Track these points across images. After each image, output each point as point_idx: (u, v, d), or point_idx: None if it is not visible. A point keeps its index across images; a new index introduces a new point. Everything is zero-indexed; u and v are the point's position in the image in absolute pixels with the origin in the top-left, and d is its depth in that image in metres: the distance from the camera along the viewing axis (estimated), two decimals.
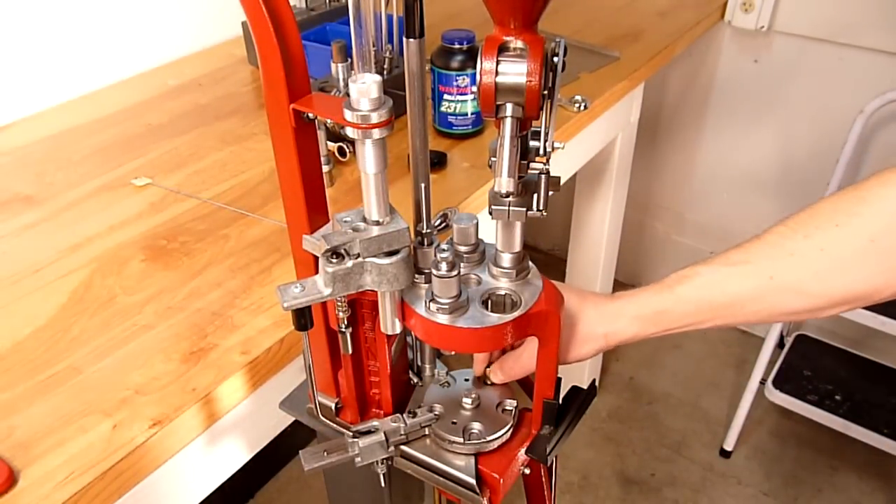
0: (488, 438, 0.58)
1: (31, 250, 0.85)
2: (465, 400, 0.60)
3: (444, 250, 0.49)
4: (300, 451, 0.59)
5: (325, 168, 0.93)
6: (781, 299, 0.61)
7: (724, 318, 0.63)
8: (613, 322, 0.63)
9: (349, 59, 0.93)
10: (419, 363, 0.64)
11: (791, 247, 0.60)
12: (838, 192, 0.60)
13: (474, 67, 0.46)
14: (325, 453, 0.58)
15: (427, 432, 0.60)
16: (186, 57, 1.35)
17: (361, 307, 0.56)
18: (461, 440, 0.58)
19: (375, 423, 0.59)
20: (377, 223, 0.50)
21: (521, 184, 0.50)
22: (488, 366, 0.64)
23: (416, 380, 0.64)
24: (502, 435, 0.59)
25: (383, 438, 0.58)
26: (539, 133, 0.49)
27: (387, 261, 0.49)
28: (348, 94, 0.46)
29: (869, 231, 0.57)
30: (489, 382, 0.63)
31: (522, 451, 0.59)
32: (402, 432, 0.59)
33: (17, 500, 0.57)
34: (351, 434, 0.58)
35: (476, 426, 0.59)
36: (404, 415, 0.59)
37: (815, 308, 0.61)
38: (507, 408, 0.61)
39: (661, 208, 2.14)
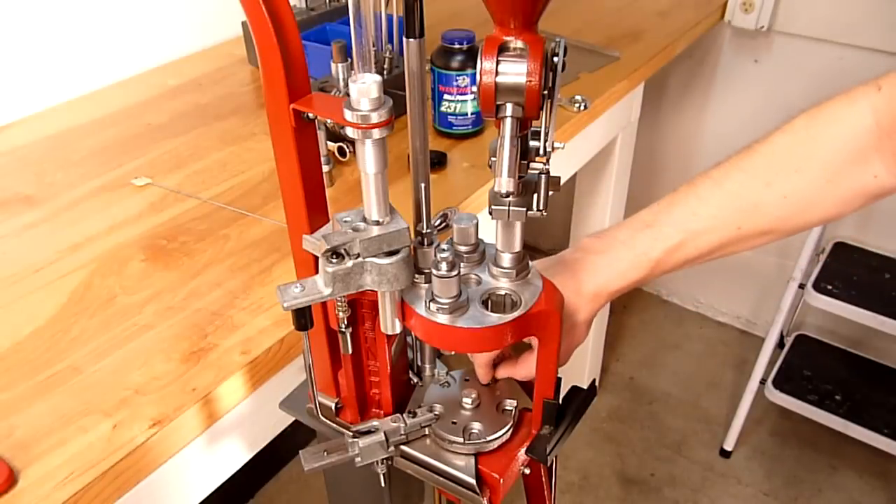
0: (488, 438, 0.58)
1: (31, 250, 0.85)
2: (465, 400, 0.60)
3: (444, 250, 0.49)
4: (300, 451, 0.59)
5: (325, 168, 0.93)
6: (749, 243, 0.65)
7: (696, 264, 0.67)
8: (599, 300, 0.65)
9: (349, 59, 0.93)
10: (419, 363, 0.64)
11: (755, 198, 0.63)
12: (791, 127, 0.64)
13: (474, 67, 0.46)
14: (325, 453, 0.58)
15: (427, 432, 0.60)
16: (186, 57, 1.35)
17: (361, 307, 0.56)
18: (461, 440, 0.58)
19: (375, 423, 0.59)
20: (377, 223, 0.50)
21: (521, 184, 0.50)
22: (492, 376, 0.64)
23: (416, 380, 0.64)
24: (502, 435, 0.59)
25: (383, 438, 0.58)
26: (539, 133, 0.49)
27: (387, 261, 0.49)
28: (348, 94, 0.46)
29: (826, 172, 0.61)
30: (486, 383, 0.63)
31: (522, 451, 0.59)
32: (402, 432, 0.59)
33: (17, 500, 0.57)
34: (351, 434, 0.58)
35: (476, 426, 0.59)
36: (404, 415, 0.59)
37: (776, 240, 0.66)
38: (507, 408, 0.61)
39: None
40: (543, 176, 0.50)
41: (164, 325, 0.74)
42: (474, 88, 0.94)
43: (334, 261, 0.49)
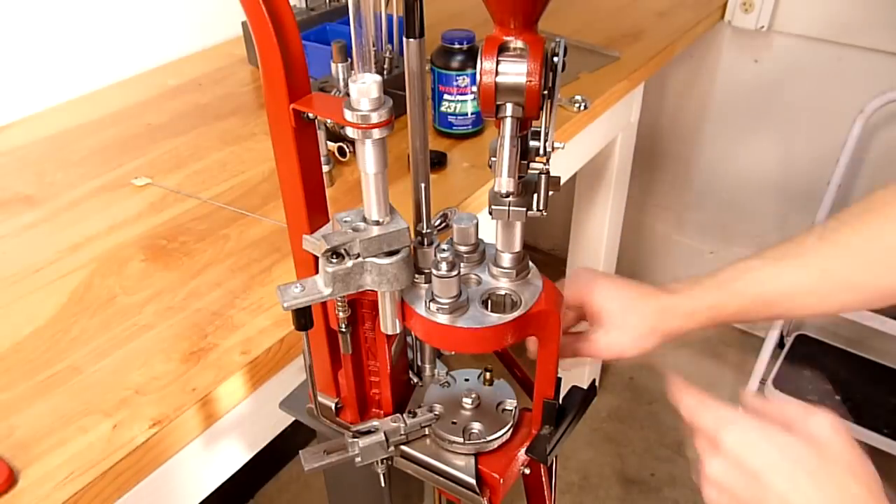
0: (488, 438, 0.58)
1: (31, 250, 0.85)
2: (465, 400, 0.60)
3: (444, 250, 0.49)
4: (300, 451, 0.59)
5: (325, 168, 0.93)
6: (832, 293, 0.63)
7: (775, 312, 0.65)
8: (668, 318, 0.64)
9: (349, 59, 0.93)
10: (419, 363, 0.64)
11: (842, 241, 0.62)
12: (889, 187, 0.62)
13: (474, 67, 0.46)
14: (325, 453, 0.58)
15: (427, 432, 0.60)
16: (186, 57, 1.35)
17: (361, 307, 0.56)
18: (461, 440, 0.58)
19: (375, 423, 0.59)
20: (377, 223, 0.50)
21: (521, 184, 0.50)
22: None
23: (416, 380, 0.64)
24: (502, 435, 0.59)
25: (383, 438, 0.58)
26: (539, 133, 0.49)
27: (387, 261, 0.49)
28: (348, 94, 0.46)
29: None
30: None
31: (522, 451, 0.59)
32: (402, 432, 0.59)
33: (17, 500, 0.57)
34: (351, 434, 0.58)
35: (476, 426, 0.59)
36: (404, 415, 0.59)
37: (865, 301, 0.63)
38: (507, 408, 0.61)
39: (660, 208, 2.14)
40: (543, 176, 0.50)
41: (164, 325, 0.74)
42: (474, 88, 0.94)
43: (334, 261, 0.49)
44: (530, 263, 0.54)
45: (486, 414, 0.60)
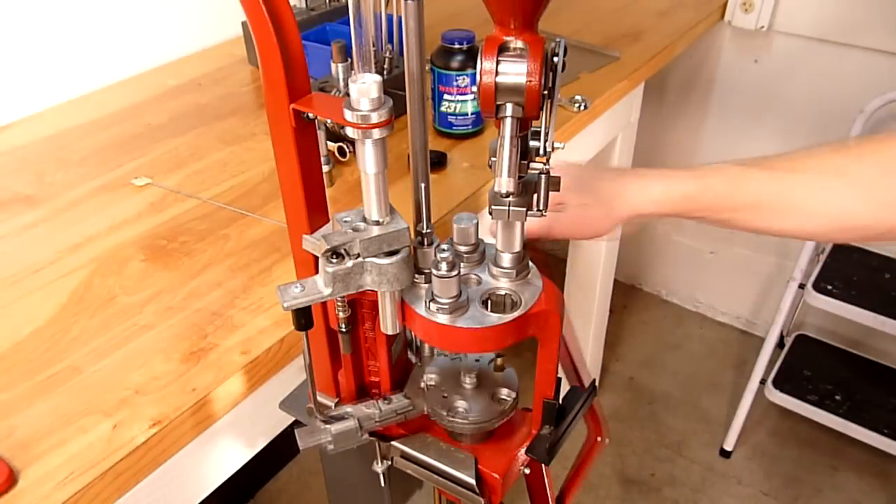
0: (469, 419, 0.58)
1: (31, 250, 0.85)
2: (464, 377, 0.60)
3: (444, 250, 0.49)
4: (295, 430, 0.59)
5: (325, 168, 0.92)
6: (788, 212, 0.65)
7: (739, 218, 0.66)
8: (640, 196, 0.66)
9: (349, 59, 0.93)
10: (418, 343, 0.64)
11: (804, 165, 0.65)
12: (874, 136, 0.65)
13: (474, 67, 0.46)
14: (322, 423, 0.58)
15: (403, 419, 0.59)
16: (186, 57, 1.35)
17: (361, 307, 0.56)
18: (444, 412, 0.58)
19: (349, 408, 0.59)
20: (377, 223, 0.50)
21: (521, 184, 0.50)
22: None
23: (414, 359, 0.64)
24: (485, 422, 0.58)
25: (356, 425, 0.58)
26: (539, 133, 0.49)
27: (387, 261, 0.49)
28: (348, 94, 0.46)
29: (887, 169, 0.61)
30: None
31: (522, 451, 0.59)
32: (377, 419, 0.58)
33: (17, 500, 0.57)
34: (322, 419, 0.58)
35: (462, 405, 0.59)
36: (380, 401, 0.59)
37: (816, 231, 0.66)
38: (503, 397, 0.60)
39: None
40: (543, 176, 0.50)
41: (164, 325, 0.74)
42: (474, 88, 0.94)
43: (334, 261, 0.49)
44: (530, 263, 0.54)
45: (478, 398, 0.60)
